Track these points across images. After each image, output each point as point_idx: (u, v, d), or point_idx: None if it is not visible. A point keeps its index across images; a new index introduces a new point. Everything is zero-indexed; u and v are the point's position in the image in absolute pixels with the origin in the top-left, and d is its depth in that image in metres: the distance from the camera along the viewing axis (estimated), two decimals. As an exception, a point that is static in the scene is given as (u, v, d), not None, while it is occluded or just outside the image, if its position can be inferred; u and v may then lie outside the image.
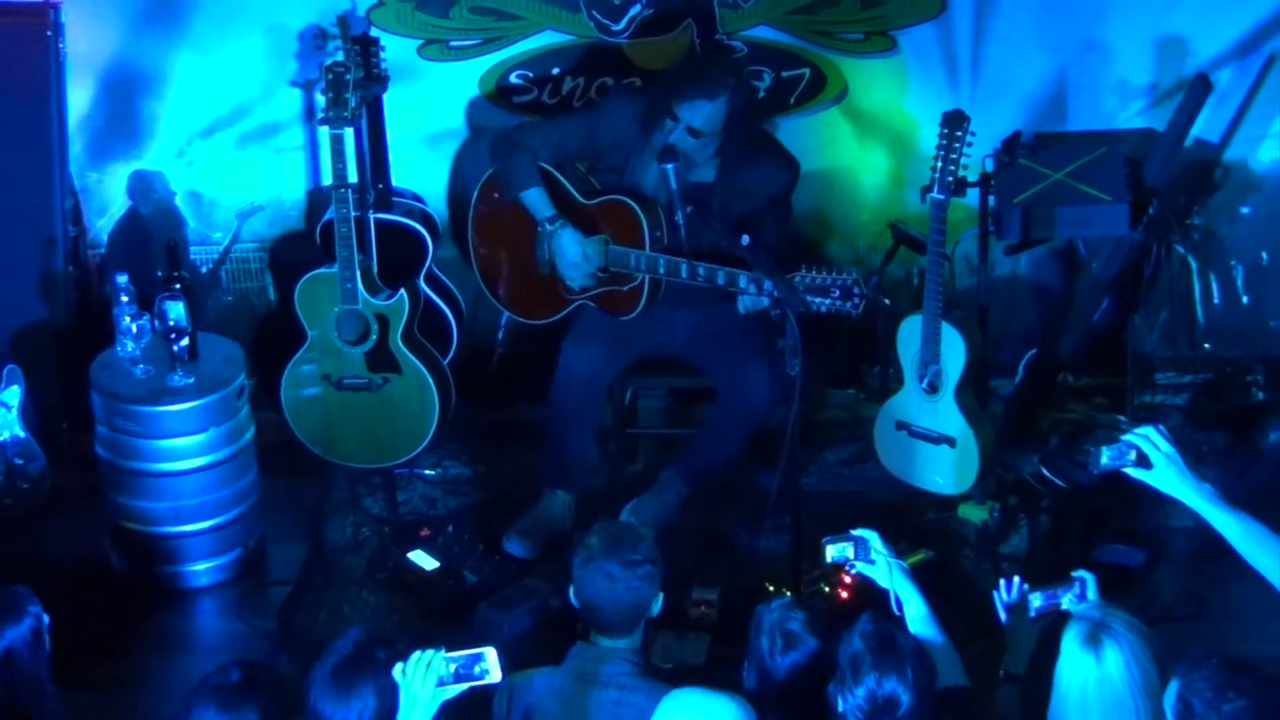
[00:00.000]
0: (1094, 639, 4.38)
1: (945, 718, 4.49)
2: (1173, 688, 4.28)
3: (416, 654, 4.30)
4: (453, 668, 4.31)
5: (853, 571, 4.99)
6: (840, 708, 4.41)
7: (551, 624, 5.86)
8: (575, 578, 4.82)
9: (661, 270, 6.14)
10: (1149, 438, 4.68)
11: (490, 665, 4.32)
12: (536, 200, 6.35)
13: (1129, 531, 6.16)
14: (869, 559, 4.92)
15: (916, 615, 4.84)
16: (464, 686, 4.33)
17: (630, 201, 6.24)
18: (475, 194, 6.64)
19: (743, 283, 5.86)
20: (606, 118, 6.43)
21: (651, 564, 4.80)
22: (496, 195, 6.51)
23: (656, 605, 4.86)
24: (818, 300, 5.63)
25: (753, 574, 6.11)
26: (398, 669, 4.31)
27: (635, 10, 6.89)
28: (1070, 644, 4.41)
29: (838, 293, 5.62)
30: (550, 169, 6.38)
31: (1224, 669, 4.27)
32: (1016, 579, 4.89)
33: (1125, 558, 6.03)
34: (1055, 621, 4.82)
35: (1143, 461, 4.66)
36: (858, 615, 4.75)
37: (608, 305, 6.38)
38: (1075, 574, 4.84)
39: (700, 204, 6.16)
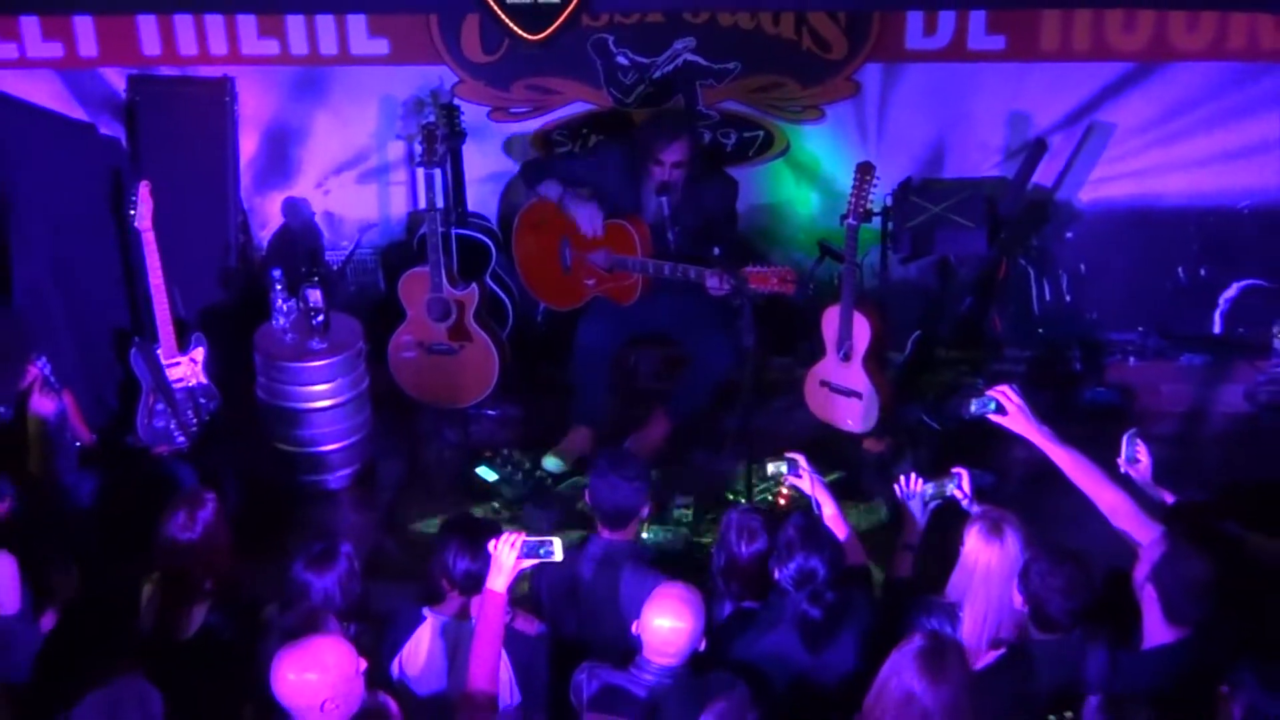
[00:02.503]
0: (997, 529, 4.43)
1: (852, 585, 4.49)
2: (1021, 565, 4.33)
3: (505, 534, 4.33)
4: (527, 547, 4.32)
5: (786, 482, 4.99)
6: (777, 576, 4.44)
7: (575, 520, 5.86)
8: (589, 486, 4.85)
9: (651, 270, 6.15)
10: (1005, 393, 4.69)
11: (555, 548, 4.38)
12: (549, 188, 6.40)
13: (983, 461, 6.11)
14: (797, 474, 4.93)
15: (830, 514, 4.85)
16: (535, 561, 4.37)
17: (626, 223, 6.24)
18: (515, 222, 6.63)
19: (707, 276, 5.87)
20: (599, 158, 6.46)
21: (641, 480, 4.81)
22: (531, 221, 6.49)
23: (645, 510, 4.86)
24: (766, 289, 5.65)
25: (718, 487, 6.11)
26: (492, 544, 4.33)
27: (640, 88, 6.85)
28: (976, 536, 4.43)
29: (775, 280, 5.63)
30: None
31: (1054, 554, 4.30)
32: (913, 475, 4.91)
33: (979, 480, 5.94)
34: (942, 505, 4.86)
35: (1000, 410, 4.66)
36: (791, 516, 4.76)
37: (614, 295, 6.36)
38: (954, 470, 4.86)
39: (684, 225, 6.16)
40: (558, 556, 4.38)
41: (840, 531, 4.75)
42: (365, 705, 4.11)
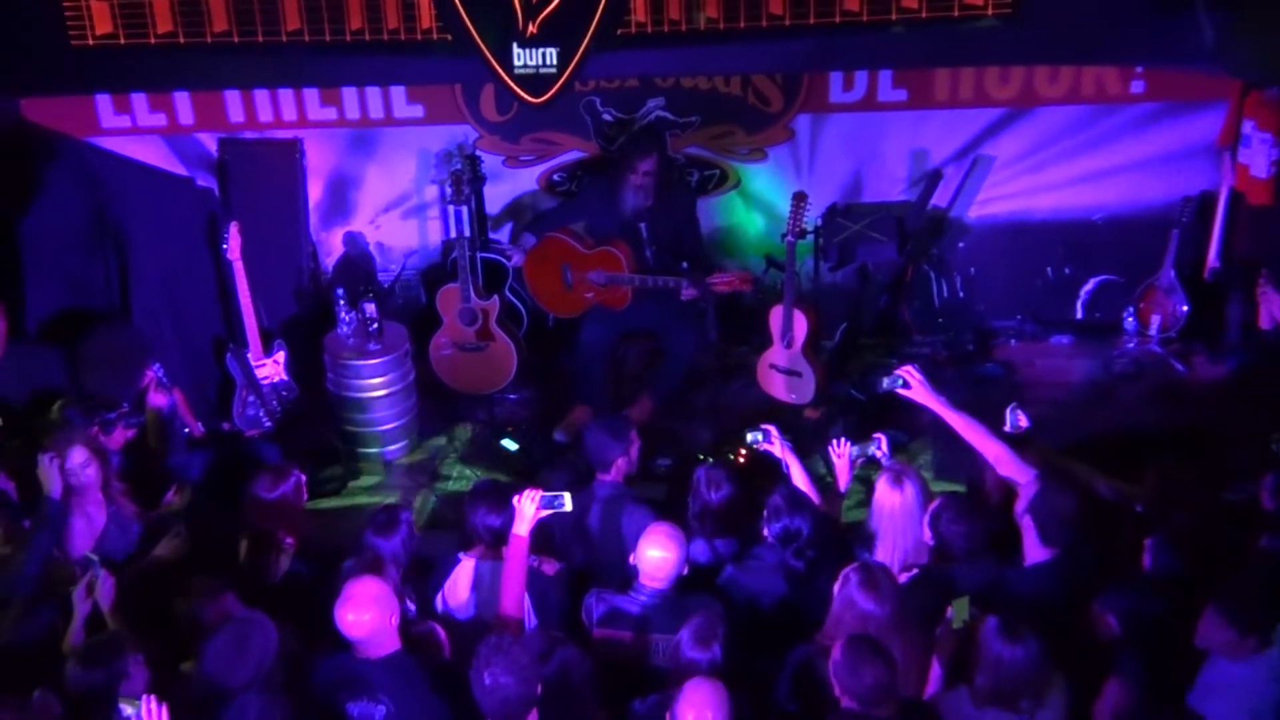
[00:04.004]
0: (899, 480, 4.45)
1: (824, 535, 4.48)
2: (930, 510, 4.34)
3: (526, 491, 4.34)
4: (544, 500, 4.33)
5: (758, 447, 4.98)
6: (766, 533, 4.43)
7: (581, 478, 5.85)
8: (585, 437, 4.94)
9: (638, 283, 6.14)
10: (910, 371, 4.70)
11: (566, 501, 4.37)
12: (516, 252, 6.47)
13: (897, 423, 6.14)
14: (769, 441, 4.93)
15: (796, 473, 4.85)
16: (550, 511, 4.36)
17: (613, 249, 6.22)
18: (524, 257, 6.56)
19: (684, 285, 5.87)
20: (586, 198, 6.49)
21: (614, 439, 4.87)
22: (536, 256, 6.46)
23: (621, 460, 4.89)
24: (730, 289, 5.66)
25: (691, 450, 6.11)
26: (515, 498, 4.33)
27: (622, 139, 6.85)
28: (883, 484, 4.45)
29: (737, 281, 5.64)
30: (560, 234, 6.36)
31: (960, 506, 4.32)
32: (842, 438, 4.91)
33: (895, 438, 5.99)
34: (865, 465, 4.87)
35: (906, 385, 4.67)
36: (751, 475, 4.76)
37: (609, 303, 6.35)
38: (875, 435, 4.87)
39: (660, 244, 6.15)
40: (568, 507, 4.39)
41: (806, 487, 4.76)
42: (418, 633, 4.14)
